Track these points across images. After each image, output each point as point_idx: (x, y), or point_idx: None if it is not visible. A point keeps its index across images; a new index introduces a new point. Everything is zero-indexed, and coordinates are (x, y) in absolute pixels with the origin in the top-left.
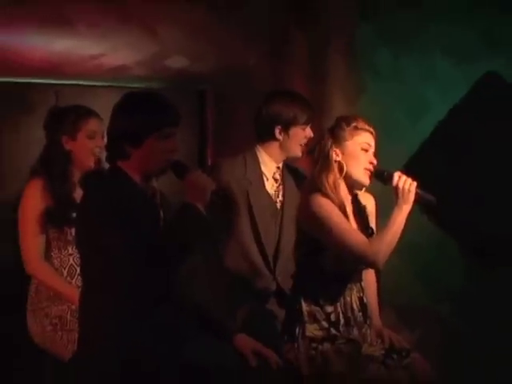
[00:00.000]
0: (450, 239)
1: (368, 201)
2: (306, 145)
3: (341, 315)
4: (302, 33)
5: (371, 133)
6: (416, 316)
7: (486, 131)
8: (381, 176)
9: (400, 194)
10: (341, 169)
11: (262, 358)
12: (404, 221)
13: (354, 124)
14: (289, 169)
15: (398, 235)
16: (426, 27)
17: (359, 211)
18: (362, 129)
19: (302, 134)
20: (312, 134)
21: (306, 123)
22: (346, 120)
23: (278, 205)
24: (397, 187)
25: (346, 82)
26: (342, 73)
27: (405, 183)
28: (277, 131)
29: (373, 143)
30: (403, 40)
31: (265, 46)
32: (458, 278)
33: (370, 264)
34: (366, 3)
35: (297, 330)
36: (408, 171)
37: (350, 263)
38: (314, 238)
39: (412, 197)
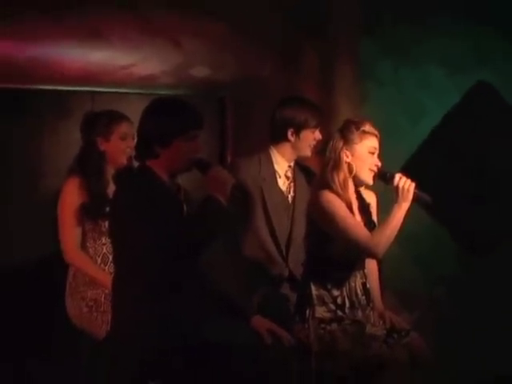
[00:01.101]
0: (445, 230)
1: (370, 197)
2: (315, 146)
3: (346, 299)
4: (313, 46)
5: (376, 136)
6: (414, 299)
7: (477, 134)
8: (384, 177)
9: (400, 193)
10: (350, 169)
11: (276, 336)
12: (402, 217)
13: (362, 128)
14: (300, 167)
15: (397, 230)
16: (423, 42)
17: (363, 207)
18: (369, 133)
19: (311, 137)
20: (320, 137)
21: (315, 127)
22: (355, 124)
23: (290, 200)
24: (397, 187)
25: (351, 90)
26: (348, 82)
27: (405, 183)
28: (289, 133)
29: (378, 146)
30: (402, 53)
31: (279, 58)
32: (451, 265)
33: (371, 254)
34: (369, 20)
35: (307, 311)
36: (407, 169)
37: (354, 253)
38: (323, 229)
39: (410, 196)
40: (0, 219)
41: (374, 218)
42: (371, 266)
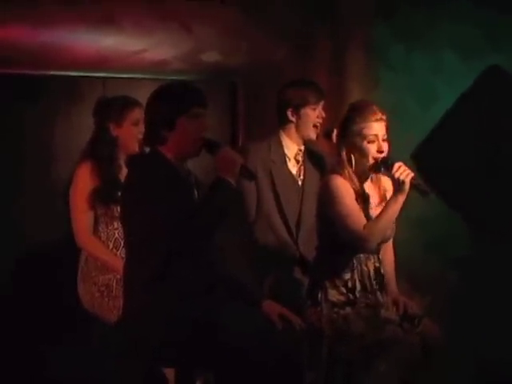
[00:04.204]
0: (457, 214)
1: (387, 182)
2: (321, 126)
3: (357, 282)
4: (324, 31)
5: (381, 120)
6: (426, 283)
7: (489, 119)
8: (385, 164)
9: (396, 184)
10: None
11: (288, 321)
12: (398, 209)
13: (364, 114)
14: (310, 151)
15: (392, 222)
16: (435, 25)
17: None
18: (370, 120)
19: (313, 114)
20: (323, 114)
21: (315, 103)
22: (358, 112)
23: (300, 183)
24: (393, 177)
25: (363, 74)
26: (360, 66)
27: (401, 174)
28: (289, 113)
29: (382, 131)
30: (415, 37)
31: (290, 42)
32: (463, 248)
33: (362, 246)
34: (381, 4)
35: (319, 295)
36: (419, 155)
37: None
38: (327, 212)
39: (406, 187)
40: (12, 204)
41: None
42: (387, 250)
